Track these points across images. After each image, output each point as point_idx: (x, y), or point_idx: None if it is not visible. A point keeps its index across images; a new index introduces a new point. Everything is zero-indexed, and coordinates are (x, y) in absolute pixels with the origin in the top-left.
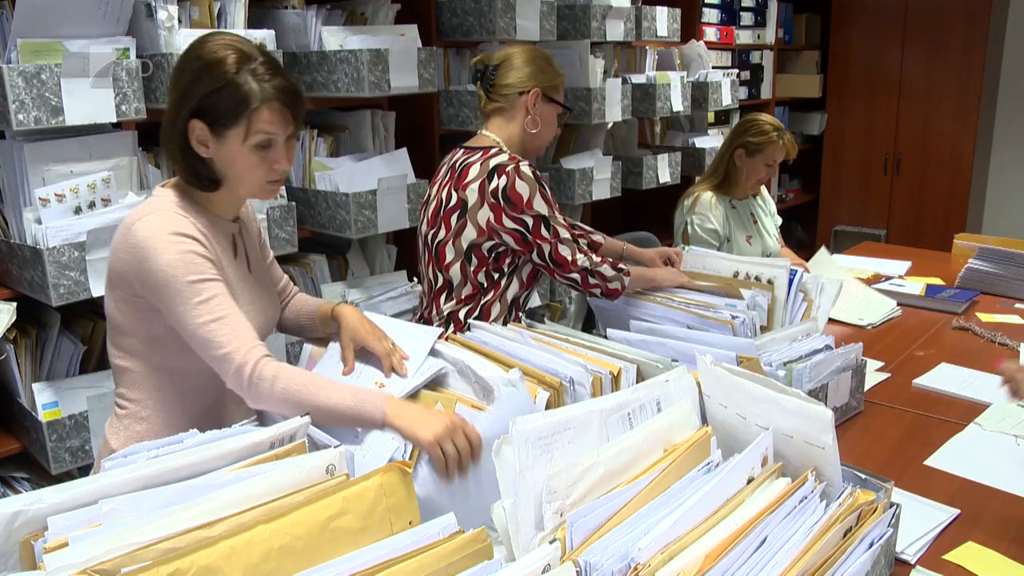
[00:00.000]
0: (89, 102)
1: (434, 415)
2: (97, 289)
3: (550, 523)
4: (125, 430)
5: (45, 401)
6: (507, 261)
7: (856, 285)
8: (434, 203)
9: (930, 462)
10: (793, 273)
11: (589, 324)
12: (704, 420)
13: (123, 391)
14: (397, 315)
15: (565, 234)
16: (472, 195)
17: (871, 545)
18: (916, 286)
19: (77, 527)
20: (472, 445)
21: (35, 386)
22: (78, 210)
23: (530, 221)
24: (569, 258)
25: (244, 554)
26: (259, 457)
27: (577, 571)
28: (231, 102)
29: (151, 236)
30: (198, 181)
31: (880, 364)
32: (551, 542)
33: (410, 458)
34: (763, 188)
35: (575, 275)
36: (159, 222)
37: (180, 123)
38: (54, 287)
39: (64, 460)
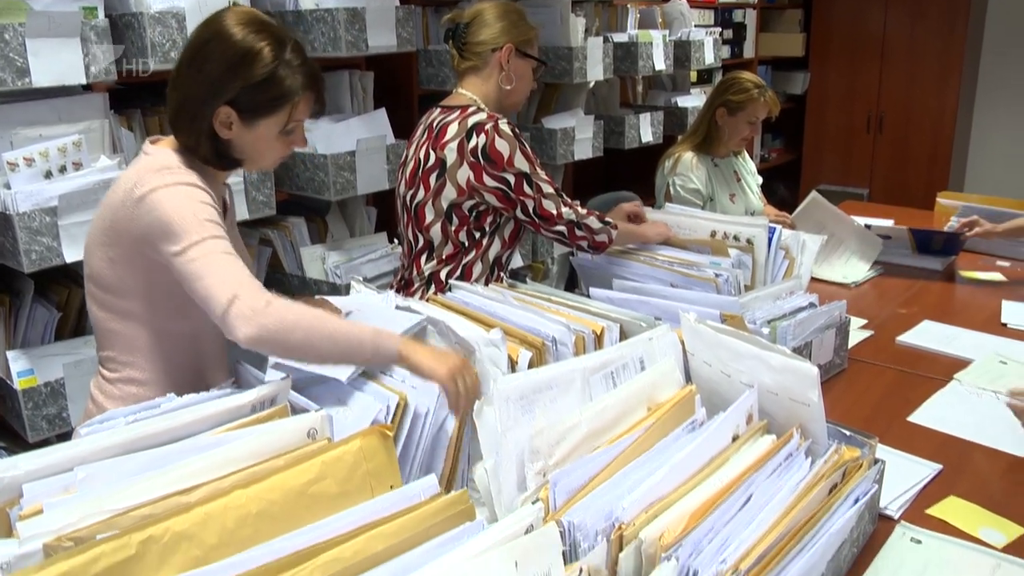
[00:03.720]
0: (56, 63)
1: (443, 353)
2: (71, 255)
3: (533, 483)
4: (120, 393)
5: (20, 369)
6: (488, 220)
7: (845, 222)
8: (412, 163)
9: (913, 418)
10: (772, 231)
11: (572, 284)
12: (688, 378)
13: (112, 354)
14: (378, 277)
15: (548, 188)
16: (451, 154)
17: (856, 501)
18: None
19: (52, 494)
20: (476, 383)
21: (9, 354)
22: (48, 174)
23: (512, 179)
24: (554, 212)
25: (220, 520)
26: (240, 421)
27: (560, 531)
28: (270, 97)
29: (161, 187)
30: (219, 161)
31: (864, 322)
32: (534, 502)
33: (392, 421)
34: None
35: (561, 228)
36: (169, 176)
37: (210, 110)
38: (26, 253)
39: (41, 428)
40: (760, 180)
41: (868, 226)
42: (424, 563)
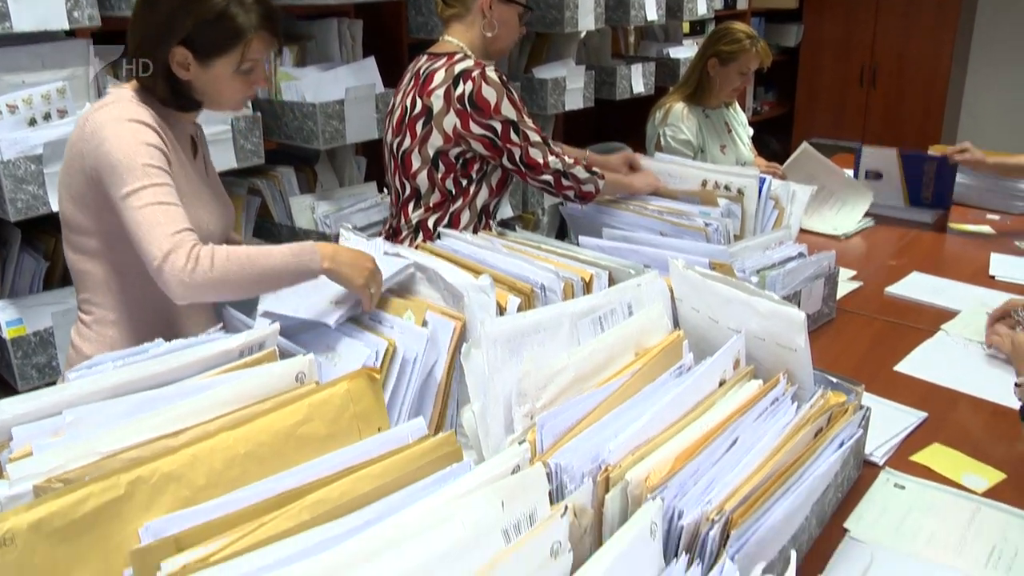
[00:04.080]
0: (37, 6)
1: (358, 256)
2: (57, 203)
3: (520, 426)
4: (97, 336)
5: (9, 319)
6: (475, 168)
7: (836, 174)
8: (399, 111)
9: (899, 368)
10: (762, 181)
11: (562, 235)
12: (676, 324)
13: (87, 296)
14: (368, 226)
15: (535, 137)
16: (437, 101)
17: (841, 445)
18: None
19: (41, 437)
20: (380, 279)
21: None
22: (33, 122)
23: (499, 126)
24: (541, 161)
25: (207, 461)
26: (228, 366)
27: (547, 473)
28: (223, 35)
29: (108, 122)
30: (178, 102)
31: (852, 273)
32: (520, 443)
33: (380, 367)
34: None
35: (547, 177)
36: (117, 110)
37: (163, 51)
38: (11, 202)
39: (31, 377)
40: (751, 132)
41: (860, 151)
42: (410, 503)
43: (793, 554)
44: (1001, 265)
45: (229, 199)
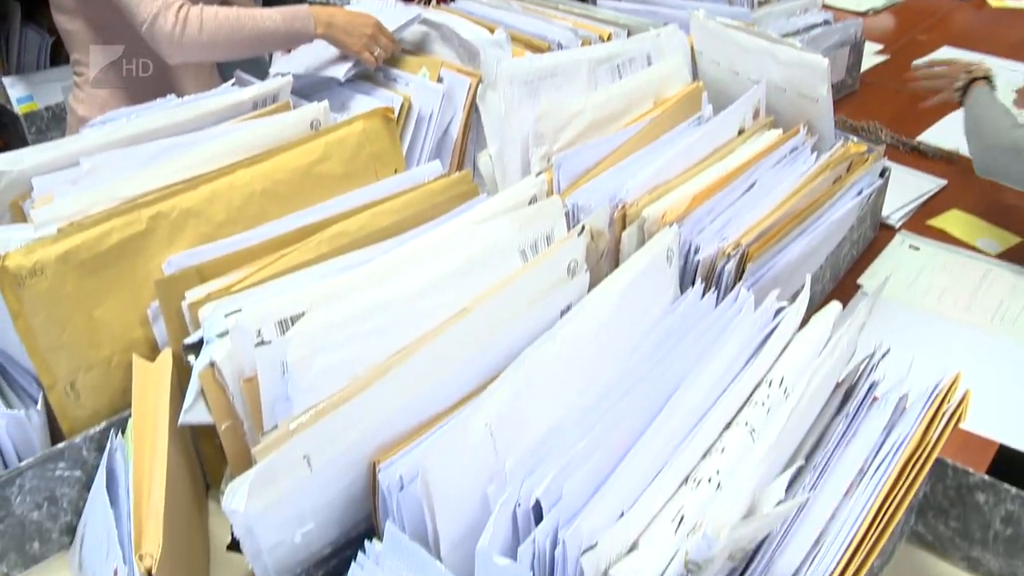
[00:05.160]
0: None
1: (356, 19)
2: None
3: (537, 167)
4: (88, 97)
5: (19, 95)
6: None
7: None
8: None
9: (922, 138)
10: None
11: None
12: (696, 78)
13: (77, 57)
14: None
15: None
16: None
17: (860, 193)
18: None
19: (60, 185)
20: (390, 42)
21: (5, 80)
22: None
23: None
24: None
25: (226, 197)
26: (242, 117)
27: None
28: None
29: None
30: None
31: (879, 47)
32: (537, 175)
33: (397, 121)
34: None
35: None
36: None
37: None
38: None
39: None
40: None
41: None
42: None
43: (808, 277)
44: None
45: None
